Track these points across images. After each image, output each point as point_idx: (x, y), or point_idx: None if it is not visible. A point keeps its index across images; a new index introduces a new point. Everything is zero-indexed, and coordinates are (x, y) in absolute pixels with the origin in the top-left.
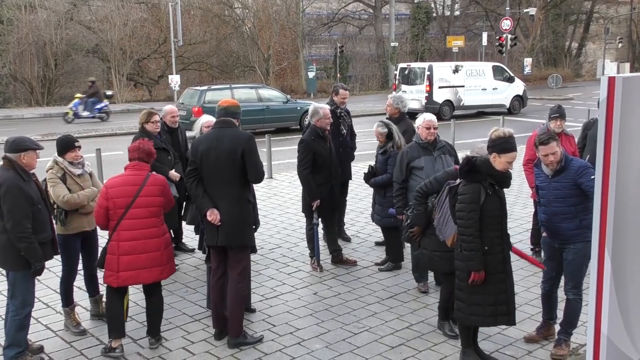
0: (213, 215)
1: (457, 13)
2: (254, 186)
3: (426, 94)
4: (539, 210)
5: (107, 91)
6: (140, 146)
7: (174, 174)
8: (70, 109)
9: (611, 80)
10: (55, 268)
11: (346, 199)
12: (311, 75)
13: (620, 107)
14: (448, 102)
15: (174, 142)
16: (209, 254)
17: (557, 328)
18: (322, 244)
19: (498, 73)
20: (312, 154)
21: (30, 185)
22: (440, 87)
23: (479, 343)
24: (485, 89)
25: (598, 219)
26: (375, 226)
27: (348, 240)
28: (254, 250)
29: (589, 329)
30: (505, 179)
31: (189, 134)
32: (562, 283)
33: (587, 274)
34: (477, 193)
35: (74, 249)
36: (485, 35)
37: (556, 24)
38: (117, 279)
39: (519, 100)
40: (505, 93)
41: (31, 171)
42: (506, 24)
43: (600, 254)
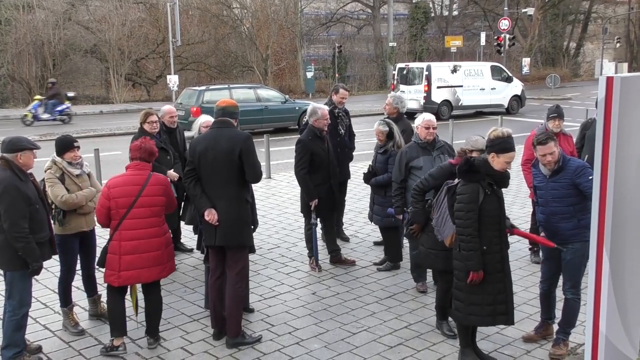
0: (211, 215)
1: (456, 13)
2: (253, 186)
3: (424, 94)
4: (537, 210)
5: (69, 92)
6: (142, 145)
7: (173, 173)
8: (29, 111)
9: (609, 80)
10: (53, 268)
11: (345, 198)
12: (309, 75)
13: (618, 107)
14: (446, 102)
15: (172, 142)
16: (207, 254)
17: (556, 328)
18: (321, 243)
19: (496, 73)
20: (310, 154)
21: (28, 185)
22: (438, 87)
23: (477, 343)
24: (484, 89)
25: (596, 218)
26: (373, 226)
27: (347, 240)
28: (252, 250)
29: (588, 329)
30: (503, 179)
31: (188, 134)
32: (561, 283)
33: (586, 273)
34: (476, 193)
35: (72, 249)
36: (483, 35)
37: (554, 24)
38: (119, 279)
39: (517, 100)
40: (503, 93)
41: (28, 171)
42: (504, 24)
43: (599, 253)
